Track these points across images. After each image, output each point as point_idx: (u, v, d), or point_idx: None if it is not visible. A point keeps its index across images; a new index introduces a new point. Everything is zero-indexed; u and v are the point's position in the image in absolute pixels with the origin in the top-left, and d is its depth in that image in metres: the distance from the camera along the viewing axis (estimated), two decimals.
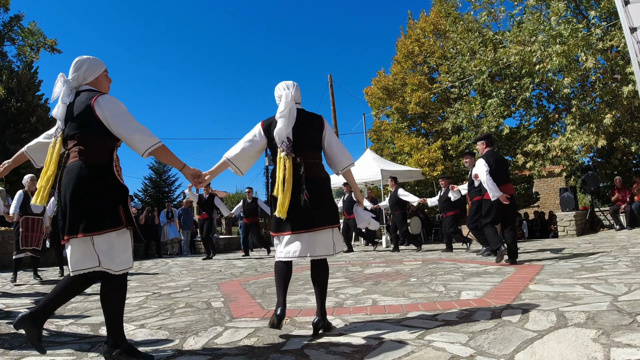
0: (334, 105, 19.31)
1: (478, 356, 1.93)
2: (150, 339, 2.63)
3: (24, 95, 14.34)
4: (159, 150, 2.17)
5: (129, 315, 3.40)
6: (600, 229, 10.39)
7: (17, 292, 5.13)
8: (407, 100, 16.61)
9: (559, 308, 2.64)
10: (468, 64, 13.02)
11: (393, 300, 3.38)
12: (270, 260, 8.36)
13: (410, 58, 17.29)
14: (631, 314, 2.36)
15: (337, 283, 4.50)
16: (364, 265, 6.26)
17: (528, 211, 17.97)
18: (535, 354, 1.89)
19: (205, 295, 4.27)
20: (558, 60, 10.15)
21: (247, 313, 3.18)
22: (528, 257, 5.85)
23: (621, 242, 6.78)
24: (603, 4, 10.42)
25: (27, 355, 2.41)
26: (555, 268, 4.50)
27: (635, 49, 4.08)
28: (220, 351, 2.29)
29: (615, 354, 1.80)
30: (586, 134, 10.51)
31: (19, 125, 14.29)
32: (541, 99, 13.02)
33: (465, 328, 2.39)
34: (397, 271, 5.21)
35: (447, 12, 14.63)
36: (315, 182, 2.58)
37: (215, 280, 5.48)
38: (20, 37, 17.74)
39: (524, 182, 16.65)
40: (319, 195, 2.57)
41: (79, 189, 2.08)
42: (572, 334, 2.11)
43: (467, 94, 14.33)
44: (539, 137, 11.89)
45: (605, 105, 10.47)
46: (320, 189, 2.58)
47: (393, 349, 2.11)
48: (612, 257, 4.98)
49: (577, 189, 12.04)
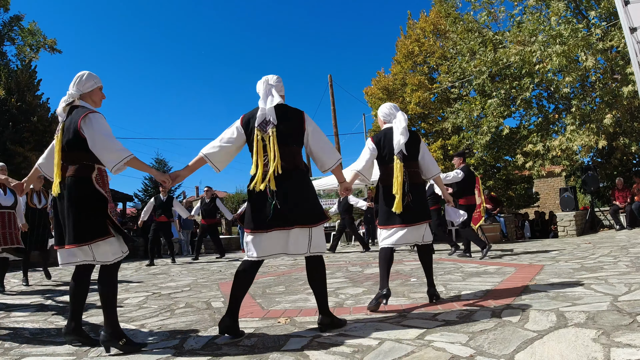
0: (334, 105, 19.32)
1: (478, 356, 1.93)
2: (150, 339, 2.63)
3: (23, 95, 14.34)
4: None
5: (129, 315, 3.40)
6: (600, 229, 10.39)
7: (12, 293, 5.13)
8: (407, 100, 16.61)
9: (559, 308, 2.64)
10: (468, 64, 13.02)
11: (393, 300, 3.37)
12: (270, 260, 8.35)
13: (410, 58, 17.29)
14: (631, 314, 2.36)
15: (337, 283, 4.49)
16: (364, 265, 6.26)
17: (528, 211, 17.98)
18: (535, 354, 1.89)
19: (205, 295, 4.27)
20: (558, 60, 10.15)
21: (247, 313, 3.18)
22: (528, 257, 5.85)
23: (621, 242, 6.78)
24: (603, 4, 10.42)
25: (27, 355, 2.41)
26: (555, 268, 4.50)
27: (635, 49, 4.08)
28: (220, 351, 2.29)
29: (615, 354, 1.80)
30: (586, 134, 10.51)
31: (19, 125, 14.29)
32: (541, 99, 13.03)
33: (465, 328, 2.39)
34: (397, 271, 5.21)
35: (447, 12, 14.64)
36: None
37: (215, 280, 5.48)
38: (20, 37, 17.75)
39: (524, 182, 16.64)
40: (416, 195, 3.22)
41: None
42: (572, 334, 2.11)
43: (467, 94, 14.34)
44: (539, 137, 11.88)
45: (605, 105, 10.47)
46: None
47: (393, 349, 2.11)
48: (612, 257, 4.98)
49: (577, 189, 12.04)
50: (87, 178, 2.43)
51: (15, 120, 14.18)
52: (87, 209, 2.38)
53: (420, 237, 3.20)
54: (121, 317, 3.38)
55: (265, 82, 2.67)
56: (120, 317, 3.38)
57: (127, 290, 4.95)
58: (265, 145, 2.52)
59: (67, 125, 2.46)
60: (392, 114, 3.30)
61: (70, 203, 2.38)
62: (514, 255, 6.39)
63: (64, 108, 2.54)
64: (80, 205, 2.38)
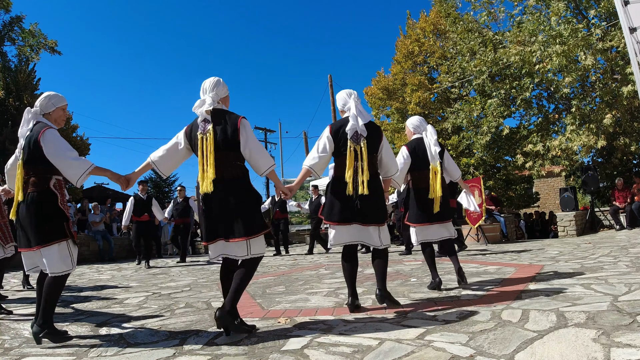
0: (333, 105, 19.32)
1: (478, 356, 1.93)
2: (150, 339, 2.63)
3: (21, 95, 14.30)
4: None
5: (129, 316, 3.40)
6: (600, 229, 10.38)
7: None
8: (407, 101, 16.60)
9: (559, 308, 2.64)
10: (468, 64, 13.01)
11: None
12: (270, 260, 8.36)
13: (410, 58, 17.27)
14: (631, 314, 2.36)
15: (337, 283, 4.49)
16: (364, 265, 6.25)
17: (528, 211, 17.97)
18: (535, 354, 1.89)
19: (205, 295, 4.27)
20: (558, 61, 10.15)
21: (247, 313, 3.18)
22: (528, 257, 5.85)
23: (621, 242, 6.78)
24: (603, 4, 10.41)
25: (27, 355, 2.41)
26: (555, 268, 4.50)
27: (635, 49, 4.08)
28: (220, 351, 2.29)
29: (615, 354, 1.79)
30: (586, 134, 10.51)
31: (18, 125, 14.24)
32: (541, 99, 13.02)
33: (465, 328, 2.39)
34: (397, 271, 5.21)
35: (447, 12, 14.62)
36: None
37: (215, 280, 5.47)
38: (20, 38, 17.73)
39: (524, 182, 16.63)
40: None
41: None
42: (572, 334, 2.11)
43: (467, 94, 14.33)
44: (538, 137, 11.88)
45: (605, 105, 10.47)
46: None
47: (393, 349, 2.11)
48: (612, 257, 4.98)
49: (577, 189, 12.04)
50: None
51: (14, 120, 14.17)
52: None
53: (447, 232, 3.77)
54: (121, 317, 3.38)
55: (354, 97, 3.10)
56: (121, 317, 3.38)
57: (127, 290, 4.95)
58: (357, 154, 2.96)
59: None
60: (422, 126, 3.83)
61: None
62: (514, 255, 6.39)
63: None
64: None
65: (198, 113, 2.63)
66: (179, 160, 2.82)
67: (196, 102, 2.66)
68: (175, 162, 2.81)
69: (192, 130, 2.68)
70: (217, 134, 2.56)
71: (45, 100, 2.81)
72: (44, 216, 2.59)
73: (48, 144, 2.57)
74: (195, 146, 2.63)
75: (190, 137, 2.70)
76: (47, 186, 2.63)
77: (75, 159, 2.60)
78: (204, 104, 2.62)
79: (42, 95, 2.84)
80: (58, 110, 2.84)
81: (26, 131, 2.72)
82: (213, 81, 2.70)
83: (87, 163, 2.61)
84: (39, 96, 2.90)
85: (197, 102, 2.65)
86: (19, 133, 2.77)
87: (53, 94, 2.85)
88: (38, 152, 2.59)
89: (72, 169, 2.59)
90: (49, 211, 2.61)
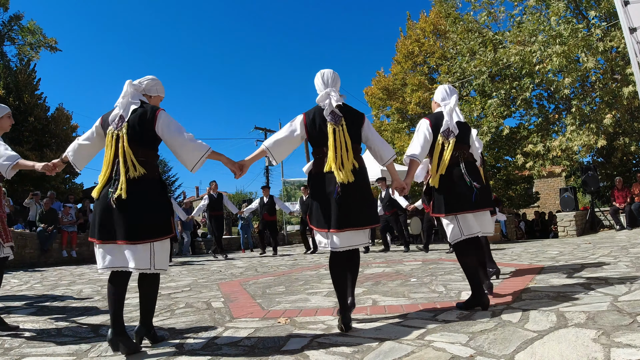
0: None
1: (478, 356, 1.93)
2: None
3: (21, 94, 14.31)
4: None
5: (129, 316, 3.39)
6: (600, 229, 10.38)
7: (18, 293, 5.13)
8: (407, 101, 16.62)
9: (559, 308, 2.64)
10: (468, 65, 13.02)
11: (393, 300, 3.38)
12: (270, 260, 8.35)
13: (410, 58, 17.29)
14: (631, 314, 2.36)
15: None
16: (364, 265, 6.26)
17: (528, 211, 17.98)
18: (535, 354, 1.89)
19: (205, 295, 4.27)
20: (558, 61, 10.16)
21: (247, 313, 3.18)
22: (528, 257, 5.85)
23: (621, 242, 6.78)
24: (603, 4, 10.42)
25: (27, 355, 2.41)
26: (555, 268, 4.50)
27: (635, 49, 4.08)
28: (220, 351, 2.29)
29: (615, 354, 1.79)
30: (586, 134, 10.51)
31: (18, 125, 14.28)
32: (541, 99, 13.04)
33: (465, 328, 2.39)
34: (397, 271, 5.21)
35: (447, 12, 14.63)
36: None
37: (215, 280, 5.47)
38: (20, 37, 17.73)
39: (524, 182, 16.65)
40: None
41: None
42: (572, 334, 2.11)
43: (467, 94, 14.34)
44: (539, 137, 11.89)
45: (605, 106, 10.48)
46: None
47: (393, 349, 2.11)
48: (612, 257, 4.98)
49: (577, 189, 12.04)
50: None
51: (14, 119, 14.18)
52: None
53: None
54: None
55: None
56: None
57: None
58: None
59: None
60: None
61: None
62: (514, 255, 6.39)
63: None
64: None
65: (326, 105, 2.67)
66: (290, 148, 2.86)
67: (320, 95, 2.71)
68: (288, 150, 2.86)
69: (315, 119, 2.70)
70: (349, 126, 2.67)
71: (152, 82, 2.63)
72: (159, 206, 2.39)
73: (164, 123, 2.40)
74: (319, 136, 2.67)
75: (313, 126, 2.71)
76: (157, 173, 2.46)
77: (193, 140, 2.42)
78: (329, 97, 2.68)
79: (146, 77, 2.62)
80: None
81: (129, 104, 2.46)
82: (332, 75, 2.78)
83: (205, 146, 2.43)
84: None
85: (322, 95, 2.70)
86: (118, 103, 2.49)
87: (152, 78, 2.65)
88: (151, 132, 2.40)
89: (190, 152, 2.40)
90: (161, 201, 2.42)
